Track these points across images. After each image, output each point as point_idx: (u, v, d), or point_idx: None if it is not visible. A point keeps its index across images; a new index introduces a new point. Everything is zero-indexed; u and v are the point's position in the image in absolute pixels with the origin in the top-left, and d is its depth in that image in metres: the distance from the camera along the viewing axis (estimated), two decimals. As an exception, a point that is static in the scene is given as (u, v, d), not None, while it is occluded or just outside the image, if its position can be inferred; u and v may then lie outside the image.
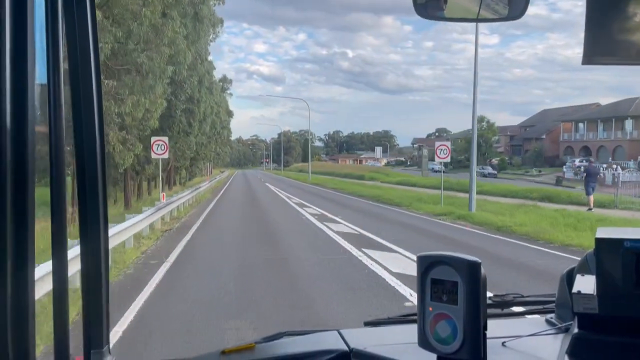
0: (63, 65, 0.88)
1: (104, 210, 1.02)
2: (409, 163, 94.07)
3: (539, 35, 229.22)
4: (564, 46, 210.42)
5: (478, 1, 1.15)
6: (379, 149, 70.79)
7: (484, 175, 54.59)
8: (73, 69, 0.97)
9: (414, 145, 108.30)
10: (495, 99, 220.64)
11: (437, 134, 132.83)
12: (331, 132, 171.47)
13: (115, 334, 5.40)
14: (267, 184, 47.17)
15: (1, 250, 0.75)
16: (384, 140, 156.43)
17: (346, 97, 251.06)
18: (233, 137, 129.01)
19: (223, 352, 1.22)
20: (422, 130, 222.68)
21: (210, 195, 30.53)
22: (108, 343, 1.05)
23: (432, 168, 73.71)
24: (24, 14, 0.78)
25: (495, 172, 57.52)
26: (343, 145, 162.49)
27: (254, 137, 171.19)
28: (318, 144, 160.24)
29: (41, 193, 0.84)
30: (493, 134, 72.80)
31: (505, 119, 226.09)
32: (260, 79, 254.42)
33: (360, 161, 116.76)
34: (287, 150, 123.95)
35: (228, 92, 64.71)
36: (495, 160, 67.46)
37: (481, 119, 72.21)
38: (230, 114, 70.68)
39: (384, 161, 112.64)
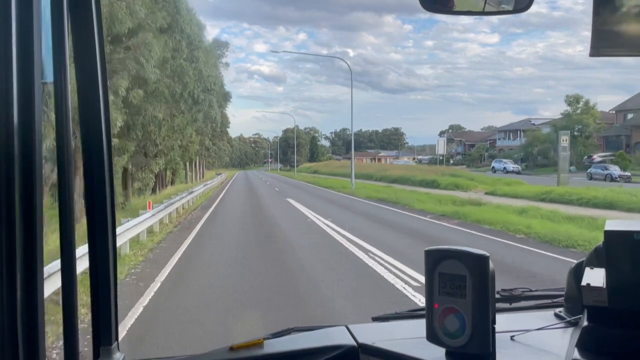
0: (69, 64, 0.88)
1: (111, 208, 1.02)
2: (452, 162, 74.03)
3: (539, 34, 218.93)
4: (565, 44, 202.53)
5: None
6: (441, 142, 51.32)
7: (612, 179, 34.48)
8: (79, 67, 0.97)
9: (450, 140, 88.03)
10: (497, 98, 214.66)
11: (450, 130, 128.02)
12: (338, 130, 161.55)
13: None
14: (289, 199, 24.70)
15: (10, 250, 0.76)
16: (394, 138, 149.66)
17: (348, 97, 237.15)
18: (234, 135, 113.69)
19: (232, 348, 1.19)
20: (427, 129, 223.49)
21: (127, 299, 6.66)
22: (117, 340, 1.04)
23: (504, 168, 52.75)
24: (30, 13, 0.78)
25: (629, 174, 37.09)
26: (351, 144, 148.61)
27: (257, 135, 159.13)
28: (324, 142, 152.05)
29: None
30: (593, 120, 51.86)
31: (507, 117, 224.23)
32: (261, 78, 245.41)
33: (379, 159, 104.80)
34: (294, 149, 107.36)
35: (223, 60, 43.69)
36: (597, 157, 46.75)
37: (576, 99, 51.48)
38: (227, 96, 50.37)
39: (405, 159, 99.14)
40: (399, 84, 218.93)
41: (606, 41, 0.99)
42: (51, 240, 3.13)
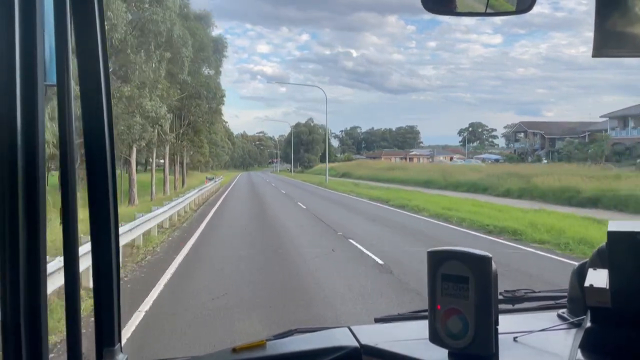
0: (72, 66, 0.90)
1: (114, 208, 1.03)
2: (535, 159, 52.58)
3: (542, 35, 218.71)
4: (568, 45, 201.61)
5: None
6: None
7: None
8: (81, 69, 0.98)
9: (519, 134, 65.16)
10: (499, 99, 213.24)
11: (470, 129, 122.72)
12: (348, 129, 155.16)
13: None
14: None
15: (13, 249, 0.77)
16: (409, 136, 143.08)
17: (350, 97, 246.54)
18: (236, 132, 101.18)
19: (234, 350, 1.20)
20: (428, 130, 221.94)
21: None
22: (120, 341, 1.05)
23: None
24: (33, 15, 0.79)
25: None
26: (362, 143, 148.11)
27: (261, 133, 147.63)
28: (333, 141, 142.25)
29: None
30: None
31: (510, 118, 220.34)
32: (264, 79, 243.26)
33: (411, 159, 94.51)
34: (307, 146, 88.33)
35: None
36: None
37: None
38: (219, 48, 29.91)
39: (442, 157, 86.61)
40: (402, 85, 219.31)
41: (609, 42, 0.98)
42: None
